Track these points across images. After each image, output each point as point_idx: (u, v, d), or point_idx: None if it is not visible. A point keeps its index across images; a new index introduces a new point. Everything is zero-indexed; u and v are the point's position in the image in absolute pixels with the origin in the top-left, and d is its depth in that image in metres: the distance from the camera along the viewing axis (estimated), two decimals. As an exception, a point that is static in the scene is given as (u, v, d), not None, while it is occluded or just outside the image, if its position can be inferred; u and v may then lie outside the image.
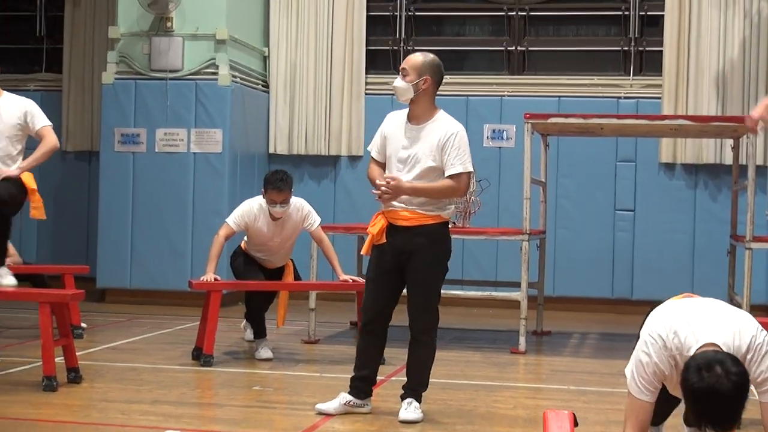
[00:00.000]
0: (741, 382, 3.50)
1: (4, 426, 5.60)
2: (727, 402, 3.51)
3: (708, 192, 11.90)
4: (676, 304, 4.15)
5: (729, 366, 3.50)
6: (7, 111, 7.00)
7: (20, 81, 13.16)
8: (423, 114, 5.78)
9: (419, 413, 5.85)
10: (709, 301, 4.19)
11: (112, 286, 11.47)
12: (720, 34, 11.65)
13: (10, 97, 7.11)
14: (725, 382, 3.46)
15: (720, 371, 3.47)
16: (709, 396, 3.51)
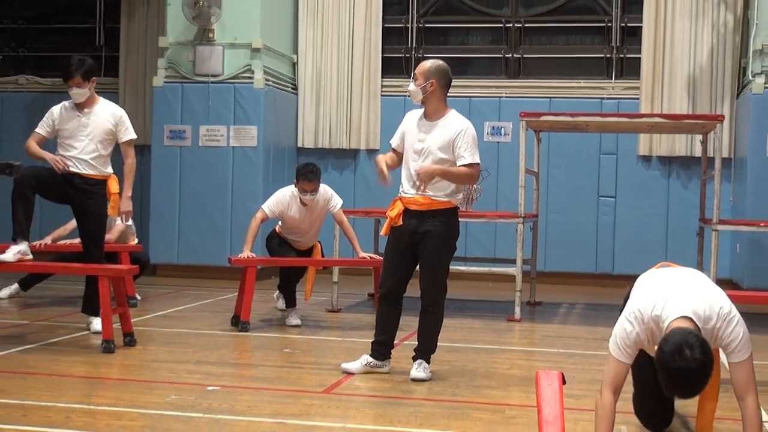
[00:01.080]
0: (704, 363, 3.55)
1: (70, 383, 5.62)
2: (693, 380, 3.60)
3: (680, 181, 11.86)
4: (658, 278, 4.15)
5: (696, 351, 3.54)
6: (101, 117, 7.00)
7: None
8: (434, 112, 5.83)
9: (428, 372, 5.87)
10: (685, 274, 4.21)
11: (162, 262, 11.49)
12: (691, 42, 11.60)
13: (105, 104, 7.11)
14: (692, 365, 3.52)
15: (688, 355, 3.52)
16: (678, 375, 3.59)
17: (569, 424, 3.89)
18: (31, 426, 4.54)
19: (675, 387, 3.67)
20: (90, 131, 6.94)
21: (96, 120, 6.97)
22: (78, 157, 6.90)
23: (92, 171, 6.96)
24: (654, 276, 4.24)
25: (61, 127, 6.94)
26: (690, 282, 4.05)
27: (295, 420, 4.79)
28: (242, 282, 7.79)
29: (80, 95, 6.90)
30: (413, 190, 5.79)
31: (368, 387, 5.69)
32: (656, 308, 3.86)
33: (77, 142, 6.90)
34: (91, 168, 6.95)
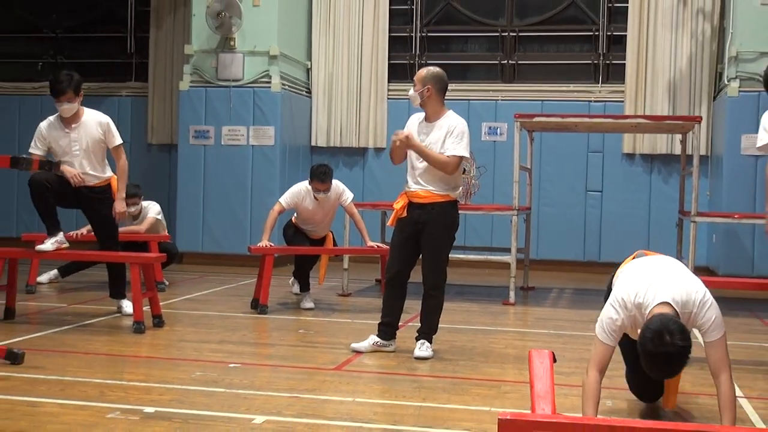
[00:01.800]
0: (683, 348, 3.60)
1: (104, 360, 5.63)
2: (673, 364, 3.67)
3: (661, 177, 11.85)
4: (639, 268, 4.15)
5: (676, 337, 3.58)
6: (89, 128, 6.81)
7: (114, 89, 13.27)
8: (433, 114, 5.89)
9: (430, 351, 5.88)
10: (664, 262, 4.21)
11: (187, 250, 11.50)
12: (671, 50, 11.57)
13: (90, 114, 6.89)
14: (672, 350, 3.57)
15: (668, 340, 3.57)
16: (659, 359, 3.64)
17: (559, 398, 3.89)
18: (69, 400, 4.55)
19: (657, 369, 3.74)
20: (81, 146, 6.77)
21: (84, 132, 6.78)
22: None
23: (94, 180, 6.87)
24: (635, 266, 4.25)
25: (52, 145, 6.76)
26: (668, 270, 4.07)
27: (309, 395, 4.80)
28: (261, 269, 7.82)
29: (70, 110, 6.70)
30: (416, 186, 5.88)
31: (376, 365, 5.70)
32: (638, 296, 3.89)
33: (72, 158, 6.74)
34: (92, 178, 6.84)
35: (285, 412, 4.41)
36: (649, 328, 3.66)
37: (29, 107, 13.44)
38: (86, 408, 4.40)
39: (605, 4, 12.19)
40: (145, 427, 4.09)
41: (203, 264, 11.39)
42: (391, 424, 4.29)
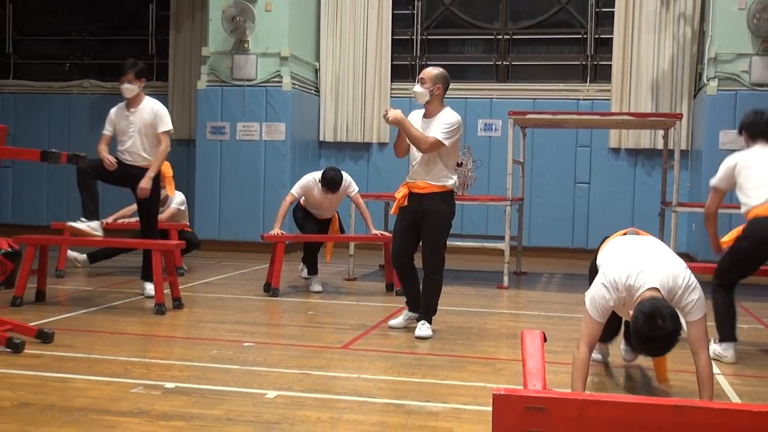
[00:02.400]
0: (673, 330, 3.63)
1: (128, 339, 5.65)
2: (664, 345, 3.72)
3: (644, 170, 11.84)
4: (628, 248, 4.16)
5: (667, 321, 3.62)
6: (143, 113, 7.09)
7: (137, 87, 13.21)
8: (433, 111, 5.90)
9: (430, 331, 5.89)
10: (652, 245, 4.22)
11: (205, 237, 11.50)
12: (654, 51, 11.56)
13: (148, 101, 7.19)
14: (663, 332, 3.62)
15: (660, 324, 3.60)
16: (652, 340, 3.69)
17: (549, 375, 3.89)
18: (95, 376, 4.57)
19: (649, 350, 3.83)
20: (135, 127, 7.07)
21: (139, 116, 7.08)
22: (129, 150, 7.09)
23: (142, 161, 7.10)
24: (625, 245, 4.25)
25: (116, 124, 7.12)
26: (657, 254, 4.07)
27: (318, 371, 4.81)
28: (273, 255, 7.83)
29: (130, 90, 7.03)
30: (416, 177, 5.91)
31: (379, 344, 5.71)
32: (630, 278, 3.90)
33: (127, 137, 7.08)
34: (140, 158, 7.10)
35: (295, 388, 4.42)
36: (641, 312, 3.67)
37: (58, 105, 13.48)
38: (112, 383, 4.42)
39: (593, 9, 12.17)
40: (165, 401, 4.10)
41: (220, 251, 11.40)
42: (394, 398, 4.30)
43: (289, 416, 3.90)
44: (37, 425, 3.67)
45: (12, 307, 6.62)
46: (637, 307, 3.73)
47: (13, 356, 4.96)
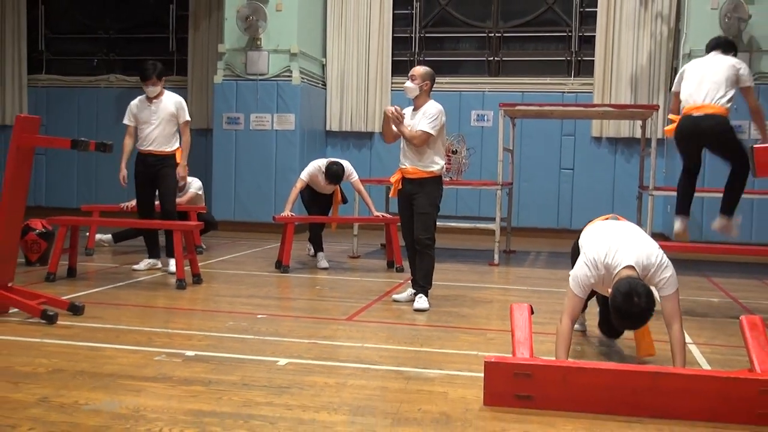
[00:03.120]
0: (648, 306, 3.67)
1: (152, 312, 5.67)
2: (640, 319, 3.77)
3: (624, 157, 11.82)
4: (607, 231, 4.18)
5: (642, 298, 3.65)
6: (166, 103, 7.25)
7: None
8: (420, 104, 5.99)
9: (427, 304, 5.90)
10: (628, 229, 4.24)
11: (222, 218, 11.51)
12: (634, 48, 11.52)
13: (168, 94, 7.36)
14: (639, 309, 3.65)
15: (636, 301, 3.64)
16: (628, 316, 3.73)
17: (536, 344, 3.90)
18: (122, 345, 4.59)
19: (626, 324, 3.88)
20: (158, 116, 7.23)
21: (162, 106, 7.24)
22: (150, 137, 7.24)
23: (162, 147, 7.27)
24: (605, 228, 4.27)
25: (138, 115, 7.26)
26: (632, 236, 4.10)
27: (325, 341, 4.83)
28: (283, 234, 7.83)
29: (154, 91, 7.22)
30: (407, 163, 5.97)
31: (381, 316, 5.72)
32: (608, 257, 3.93)
33: (149, 126, 7.24)
34: (161, 145, 7.26)
35: (304, 356, 4.44)
36: (619, 290, 3.70)
37: (86, 98, 13.47)
38: (137, 352, 4.43)
39: (577, 9, 12.12)
40: (186, 368, 4.12)
41: (235, 231, 11.41)
42: (394, 365, 4.32)
43: (298, 381, 3.91)
44: (69, 389, 3.69)
45: (46, 282, 6.65)
46: (615, 286, 3.75)
47: (47, 327, 4.98)
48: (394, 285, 7.06)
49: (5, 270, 5.25)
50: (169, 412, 3.40)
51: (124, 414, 3.36)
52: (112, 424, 3.23)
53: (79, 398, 3.56)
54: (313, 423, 3.31)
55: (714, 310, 6.32)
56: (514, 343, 3.79)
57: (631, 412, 3.49)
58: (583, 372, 3.58)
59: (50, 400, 3.52)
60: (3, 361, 4.16)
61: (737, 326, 3.90)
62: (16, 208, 5.27)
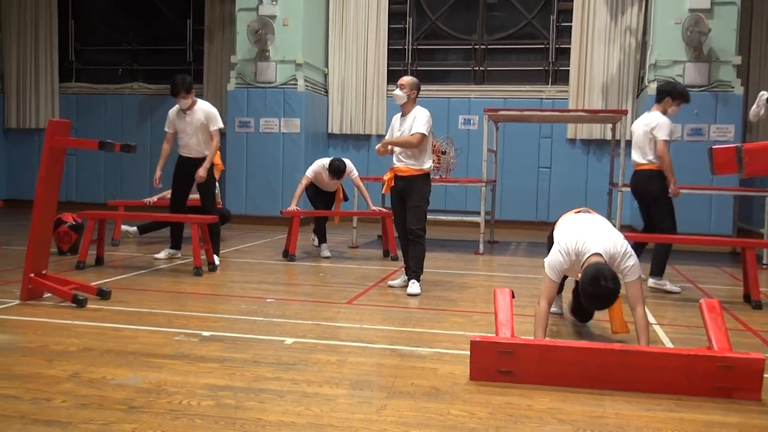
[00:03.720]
0: (615, 289, 3.70)
1: (171, 296, 5.66)
2: (607, 301, 3.78)
3: (596, 156, 11.82)
4: (578, 222, 4.19)
5: (609, 281, 3.67)
6: (197, 114, 7.11)
7: (177, 89, 13.19)
8: (408, 110, 6.03)
9: (419, 289, 5.90)
10: (597, 220, 4.25)
11: (234, 212, 11.50)
12: (605, 59, 11.51)
13: (201, 104, 7.21)
14: (606, 291, 3.68)
15: (603, 284, 3.67)
16: (596, 298, 3.75)
17: (516, 325, 3.91)
18: (144, 326, 4.59)
19: (594, 305, 3.88)
20: (191, 127, 7.11)
21: (195, 117, 7.10)
22: (187, 145, 7.17)
23: (198, 154, 7.17)
24: (574, 219, 4.29)
25: (176, 123, 7.16)
26: (600, 227, 4.12)
27: (327, 322, 4.83)
28: (290, 227, 7.83)
29: (185, 104, 7.09)
30: (399, 163, 6.02)
31: (377, 300, 5.72)
32: (578, 245, 3.94)
33: (185, 135, 7.15)
34: (196, 152, 7.17)
35: (308, 335, 4.44)
36: (587, 274, 3.71)
37: (112, 104, 13.44)
38: (158, 332, 4.44)
39: (554, 24, 12.10)
40: (203, 346, 4.12)
41: (246, 223, 11.40)
42: (389, 344, 4.33)
43: (303, 359, 3.92)
44: (97, 366, 3.69)
45: (76, 270, 6.64)
46: (584, 271, 3.77)
47: (77, 310, 4.98)
48: (389, 272, 7.07)
49: (40, 259, 5.24)
50: (187, 386, 3.40)
51: (146, 388, 3.36)
52: (136, 397, 3.24)
53: (107, 374, 3.56)
54: (316, 396, 3.32)
55: (676, 294, 6.33)
56: (497, 324, 3.80)
57: (601, 386, 3.50)
58: (559, 350, 3.59)
59: (80, 376, 3.52)
60: (38, 341, 4.16)
61: (697, 309, 3.91)
62: (50, 203, 5.27)
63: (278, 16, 11.34)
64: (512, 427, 3.01)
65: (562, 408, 3.25)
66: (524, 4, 12.34)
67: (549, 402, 3.32)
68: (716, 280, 7.27)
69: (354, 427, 2.96)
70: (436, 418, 3.08)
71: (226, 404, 3.17)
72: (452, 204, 11.73)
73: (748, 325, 5.08)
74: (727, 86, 10.09)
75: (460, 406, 3.24)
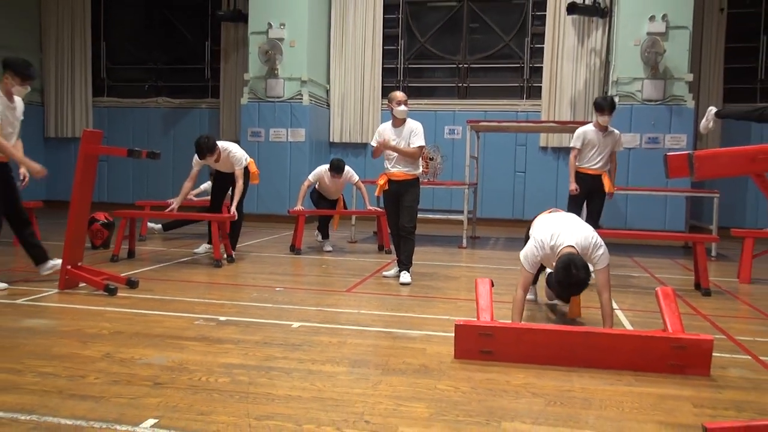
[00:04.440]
0: (585, 277, 3.68)
1: (192, 286, 5.65)
2: (578, 288, 3.75)
3: (565, 162, 11.80)
4: (552, 219, 4.19)
5: (579, 269, 3.66)
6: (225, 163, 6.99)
7: (196, 103, 13.16)
8: (402, 122, 5.99)
9: (410, 278, 5.90)
10: (568, 217, 4.25)
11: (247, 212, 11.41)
12: (573, 76, 11.52)
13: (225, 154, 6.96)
14: (577, 279, 3.66)
15: (574, 273, 3.65)
16: (568, 285, 3.73)
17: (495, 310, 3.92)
18: (169, 312, 4.58)
19: (566, 292, 3.85)
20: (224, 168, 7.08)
21: (224, 164, 7.02)
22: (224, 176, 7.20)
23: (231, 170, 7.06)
24: (549, 218, 4.28)
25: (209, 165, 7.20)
26: (572, 222, 4.11)
27: (329, 308, 4.83)
28: (296, 224, 7.82)
29: (212, 160, 6.93)
30: (394, 168, 5.98)
31: (373, 288, 5.72)
32: (552, 239, 3.93)
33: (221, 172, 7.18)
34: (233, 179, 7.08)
35: (313, 320, 4.44)
36: (560, 264, 3.70)
37: (138, 116, 13.39)
38: (180, 317, 4.43)
39: (528, 45, 12.10)
40: (220, 330, 4.12)
41: (258, 221, 11.38)
42: (384, 327, 4.33)
43: (308, 340, 3.92)
44: (127, 347, 3.68)
45: (111, 262, 6.64)
46: (558, 261, 3.76)
47: (109, 298, 4.97)
48: (384, 264, 7.07)
49: (76, 252, 5.23)
50: (206, 365, 3.40)
51: (170, 366, 3.36)
52: (160, 374, 3.23)
53: (135, 354, 3.55)
54: (320, 373, 3.32)
55: (636, 283, 6.35)
56: (478, 309, 3.80)
57: (569, 364, 3.51)
58: (533, 332, 3.59)
59: (112, 356, 3.52)
60: (74, 325, 4.15)
61: (654, 296, 3.92)
62: (84, 203, 5.25)
63: (286, 38, 11.32)
64: (492, 400, 3.01)
65: (536, 383, 3.25)
66: (502, 27, 12.34)
67: (524, 378, 3.33)
68: (671, 271, 7.30)
69: (352, 400, 2.96)
70: (425, 392, 3.09)
71: (240, 380, 3.17)
72: (439, 204, 11.74)
73: (699, 310, 5.10)
74: (680, 100, 10.12)
75: (446, 381, 3.24)
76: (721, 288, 6.14)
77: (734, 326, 4.57)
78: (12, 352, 3.54)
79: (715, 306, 5.28)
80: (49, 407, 2.79)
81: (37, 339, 3.82)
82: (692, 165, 2.25)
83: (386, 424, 2.70)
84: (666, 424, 2.80)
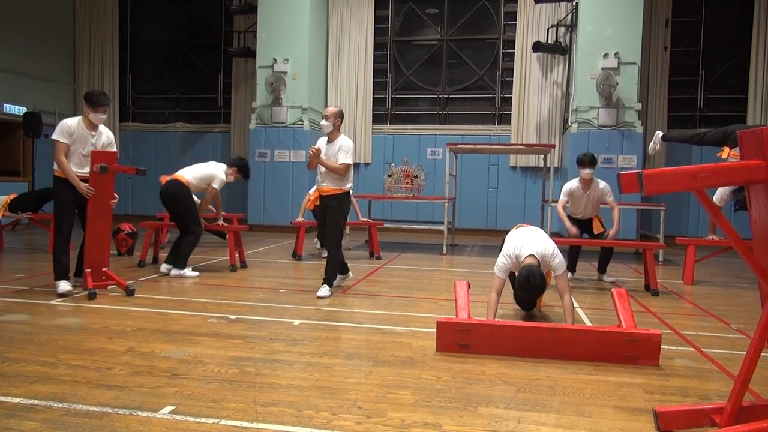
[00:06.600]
0: (542, 285, 3.73)
1: (207, 288, 5.60)
2: (535, 294, 3.82)
3: (532, 179, 11.88)
4: (518, 234, 4.20)
5: (537, 278, 3.70)
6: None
7: (210, 128, 13.13)
8: (334, 137, 5.36)
9: (328, 292, 5.24)
10: (532, 230, 4.26)
11: (255, 222, 11.47)
12: (538, 105, 11.60)
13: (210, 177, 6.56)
14: (534, 287, 3.71)
15: (533, 281, 3.70)
16: (528, 290, 3.77)
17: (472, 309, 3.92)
18: (185, 311, 4.54)
19: (526, 297, 3.92)
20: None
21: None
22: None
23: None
24: (517, 232, 4.30)
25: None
26: (535, 236, 4.13)
27: (327, 307, 4.81)
28: (298, 234, 7.79)
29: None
30: (323, 183, 5.41)
31: (365, 290, 5.70)
32: (516, 249, 3.96)
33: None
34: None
35: (312, 318, 4.42)
36: (521, 273, 3.74)
37: (159, 140, 13.34)
38: (196, 316, 4.39)
39: (499, 78, 12.17)
40: (231, 326, 4.08)
41: (264, 231, 11.33)
42: (374, 324, 4.31)
43: (308, 336, 3.89)
44: (148, 342, 3.64)
45: (138, 267, 6.61)
46: (520, 271, 3.79)
47: (132, 298, 4.92)
48: (375, 268, 7.05)
49: (100, 259, 5.17)
50: (218, 357, 3.37)
51: (186, 359, 3.32)
52: (178, 366, 3.20)
53: (155, 348, 3.52)
54: (318, 365, 3.29)
55: (595, 285, 6.37)
56: (457, 308, 3.80)
57: (537, 355, 3.51)
58: (505, 328, 3.59)
59: (135, 350, 3.48)
60: (101, 323, 4.11)
61: (609, 296, 3.94)
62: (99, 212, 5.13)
63: (289, 71, 11.33)
64: (469, 387, 3.00)
65: (507, 372, 3.25)
66: (477, 63, 12.42)
67: (497, 368, 3.32)
68: (624, 274, 7.33)
69: (347, 388, 2.94)
70: (410, 381, 3.08)
71: (247, 371, 3.14)
72: (422, 216, 11.75)
73: (649, 308, 5.12)
74: (631, 126, 10.21)
75: (429, 371, 3.23)
76: (667, 289, 6.17)
77: (679, 322, 4.59)
78: (47, 347, 3.50)
79: (662, 305, 5.30)
80: (79, 396, 2.76)
81: (69, 335, 3.77)
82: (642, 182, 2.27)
83: (377, 410, 2.68)
84: (621, 408, 2.80)
